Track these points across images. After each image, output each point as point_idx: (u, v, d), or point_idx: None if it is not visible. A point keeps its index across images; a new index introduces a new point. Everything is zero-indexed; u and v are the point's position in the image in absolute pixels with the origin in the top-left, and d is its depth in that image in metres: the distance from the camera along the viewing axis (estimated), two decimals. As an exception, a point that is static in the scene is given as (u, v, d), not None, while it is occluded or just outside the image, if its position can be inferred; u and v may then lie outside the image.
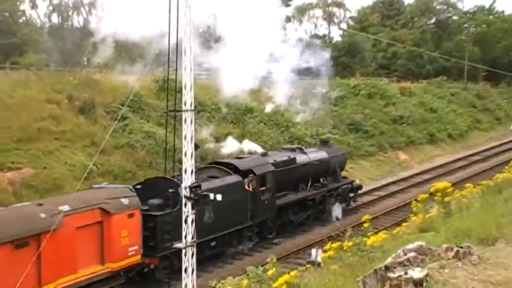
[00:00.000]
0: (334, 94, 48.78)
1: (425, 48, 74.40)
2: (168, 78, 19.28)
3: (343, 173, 32.68)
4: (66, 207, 17.43)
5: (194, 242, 16.28)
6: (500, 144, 53.67)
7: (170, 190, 20.99)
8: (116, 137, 29.36)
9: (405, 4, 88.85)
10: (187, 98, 15.78)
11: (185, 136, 15.90)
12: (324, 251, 14.01)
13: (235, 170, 24.68)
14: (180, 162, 16.41)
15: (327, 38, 73.35)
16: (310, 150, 30.46)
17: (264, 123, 38.57)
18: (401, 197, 33.71)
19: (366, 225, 13.48)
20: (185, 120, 15.89)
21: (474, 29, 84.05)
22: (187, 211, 16.00)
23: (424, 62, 76.33)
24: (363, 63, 72.34)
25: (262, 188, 25.11)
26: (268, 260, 12.92)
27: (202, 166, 25.24)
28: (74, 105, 30.71)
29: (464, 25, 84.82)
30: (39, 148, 26.68)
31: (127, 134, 30.53)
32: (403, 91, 58.46)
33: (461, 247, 5.78)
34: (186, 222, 16.01)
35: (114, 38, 28.31)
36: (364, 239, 12.05)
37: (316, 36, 72.56)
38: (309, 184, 28.90)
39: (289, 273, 11.46)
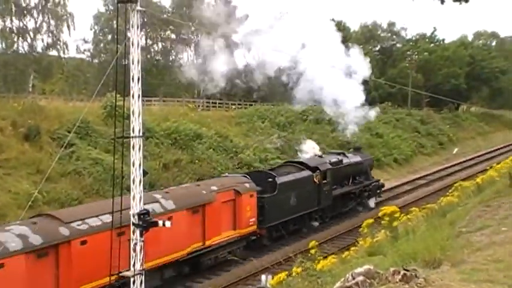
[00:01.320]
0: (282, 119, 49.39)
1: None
2: (115, 104, 19.12)
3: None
4: (215, 188, 24.87)
5: (143, 270, 16.03)
6: (444, 169, 54.93)
7: (269, 180, 28.67)
8: (62, 164, 28.81)
9: (351, 31, 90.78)
10: (136, 124, 15.68)
11: (133, 163, 15.76)
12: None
13: (306, 166, 31.75)
14: (129, 189, 16.22)
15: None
16: (349, 154, 37.33)
17: (213, 149, 38.57)
18: (350, 222, 34.04)
19: (312, 251, 13.58)
20: (133, 146, 15.77)
21: (417, 56, 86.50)
22: (136, 238, 15.77)
23: (370, 88, 77.96)
24: (311, 89, 73.26)
25: (324, 181, 32.09)
26: None
27: (278, 165, 34.51)
28: (18, 132, 30.04)
29: (408, 52, 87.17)
30: (-19, 176, 25.97)
31: (74, 161, 30.01)
32: (350, 117, 59.39)
33: (407, 270, 5.89)
34: (134, 250, 15.77)
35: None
36: (313, 264, 12.13)
37: (264, 62, 73.14)
38: (350, 181, 36.15)
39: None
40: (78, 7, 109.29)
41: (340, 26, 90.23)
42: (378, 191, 38.43)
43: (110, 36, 58.60)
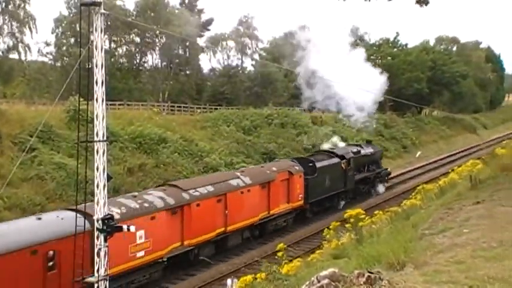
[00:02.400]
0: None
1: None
2: (79, 108, 18.92)
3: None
4: (275, 169, 31.80)
5: (107, 275, 15.86)
6: (407, 172, 55.62)
7: (310, 164, 35.13)
8: (24, 169, 28.32)
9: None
10: (100, 128, 15.52)
11: (97, 167, 15.59)
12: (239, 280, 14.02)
13: (335, 155, 38.38)
14: (93, 194, 16.03)
15: (240, 68, 74.13)
16: (364, 146, 43.61)
17: (178, 153, 38.37)
18: (314, 225, 34.23)
19: (280, 253, 13.63)
20: (97, 151, 15.60)
21: (380, 60, 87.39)
22: (100, 244, 15.59)
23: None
24: (276, 93, 73.53)
25: (348, 167, 38.56)
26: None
27: (312, 153, 41.81)
28: (-21, 136, 29.45)
29: (371, 57, 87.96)
30: None
31: (36, 165, 29.52)
32: (315, 120, 59.79)
33: (372, 273, 5.94)
34: (98, 255, 15.59)
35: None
36: (279, 267, 12.17)
37: (229, 66, 73.21)
38: (366, 168, 42.51)
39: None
40: (40, 10, 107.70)
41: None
42: (386, 178, 45.70)
43: (72, 40, 57.77)
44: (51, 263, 18.16)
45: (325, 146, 43.97)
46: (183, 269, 25.52)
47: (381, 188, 43.98)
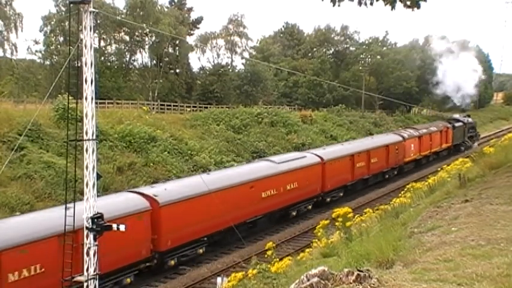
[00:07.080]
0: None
1: (325, 77, 76.69)
2: (68, 107, 18.83)
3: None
4: (441, 124, 61.14)
5: (96, 274, 15.80)
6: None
7: (451, 124, 63.05)
8: (12, 168, 28.16)
9: (305, 35, 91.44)
10: (89, 127, 15.47)
11: (87, 166, 15.54)
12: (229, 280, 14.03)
13: (459, 121, 65.51)
14: (82, 192, 15.97)
15: (229, 67, 74.04)
16: (467, 118, 68.74)
17: (168, 152, 38.29)
18: (305, 223, 34.31)
19: (269, 252, 13.63)
20: (87, 149, 15.55)
21: (370, 59, 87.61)
22: (89, 243, 15.54)
23: (324, 90, 78.67)
24: (265, 92, 73.56)
25: (465, 128, 65.84)
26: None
27: (448, 118, 69.96)
28: (-34, 135, 29.23)
29: (361, 56, 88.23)
30: None
31: (25, 164, 29.36)
32: (305, 119, 59.92)
33: (361, 271, 5.96)
34: (87, 254, 15.54)
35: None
36: (269, 265, 12.18)
37: (219, 65, 73.09)
38: (469, 130, 67.16)
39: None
40: (29, 8, 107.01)
41: (294, 29, 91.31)
42: (478, 138, 70.84)
43: (61, 38, 57.46)
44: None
45: (455, 116, 71.19)
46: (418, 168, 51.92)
47: (475, 144, 66.41)
